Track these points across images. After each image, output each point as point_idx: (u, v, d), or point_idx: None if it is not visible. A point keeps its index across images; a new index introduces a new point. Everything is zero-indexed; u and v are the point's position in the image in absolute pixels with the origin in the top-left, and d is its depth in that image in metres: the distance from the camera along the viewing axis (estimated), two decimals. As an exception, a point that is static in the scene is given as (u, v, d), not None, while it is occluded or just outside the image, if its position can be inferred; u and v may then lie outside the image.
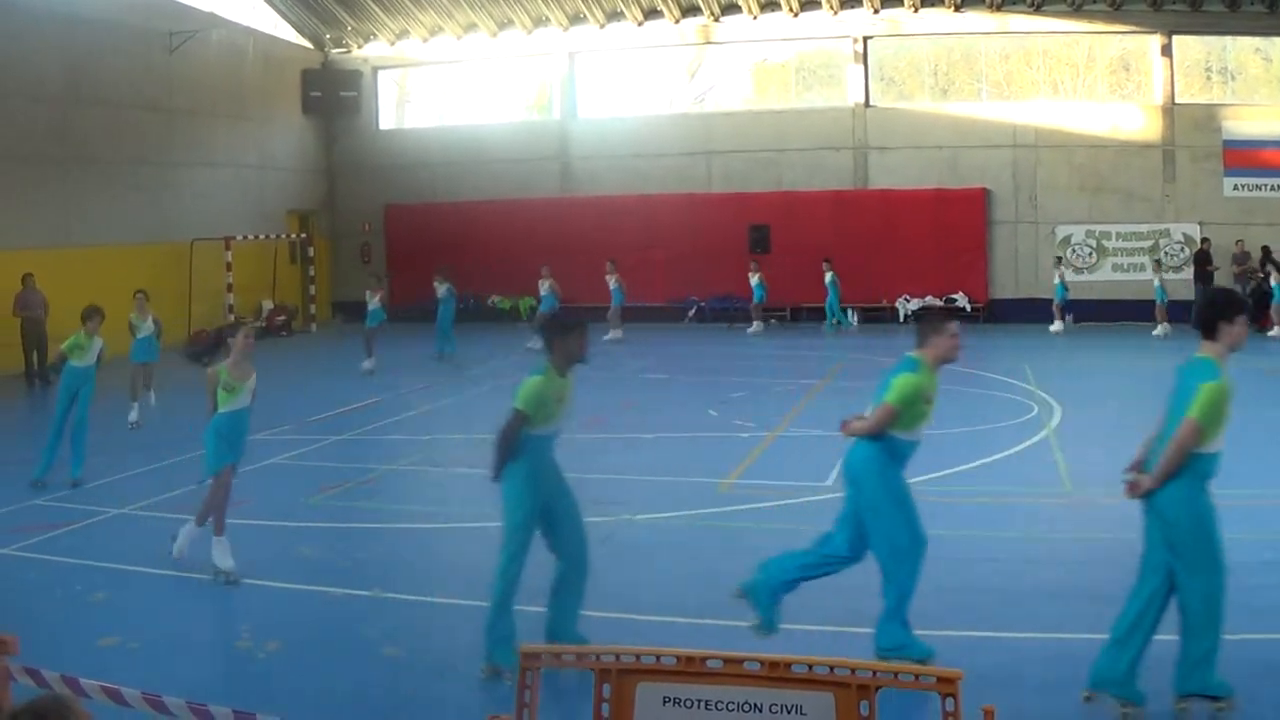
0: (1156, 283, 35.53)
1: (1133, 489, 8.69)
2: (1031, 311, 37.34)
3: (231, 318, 24.04)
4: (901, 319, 38.86)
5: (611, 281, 36.19)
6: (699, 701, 4.92)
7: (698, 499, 15.52)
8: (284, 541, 13.74)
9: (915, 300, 39.01)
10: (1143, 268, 37.85)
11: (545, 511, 9.72)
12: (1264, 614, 10.58)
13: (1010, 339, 34.53)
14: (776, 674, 4.87)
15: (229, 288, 36.65)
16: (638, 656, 5.03)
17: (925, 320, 10.09)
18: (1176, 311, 35.10)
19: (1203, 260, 36.31)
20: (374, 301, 29.54)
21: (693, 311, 40.63)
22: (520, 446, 9.54)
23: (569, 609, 9.79)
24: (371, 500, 16.14)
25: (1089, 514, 14.74)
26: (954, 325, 9.89)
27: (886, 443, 9.64)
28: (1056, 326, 35.92)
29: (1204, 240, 36.86)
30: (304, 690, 9.29)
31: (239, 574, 12.13)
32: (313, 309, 42.09)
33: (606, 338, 34.64)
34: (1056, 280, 36.30)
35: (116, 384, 21.56)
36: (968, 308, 38.67)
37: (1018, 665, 9.58)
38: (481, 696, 9.03)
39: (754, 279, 37.46)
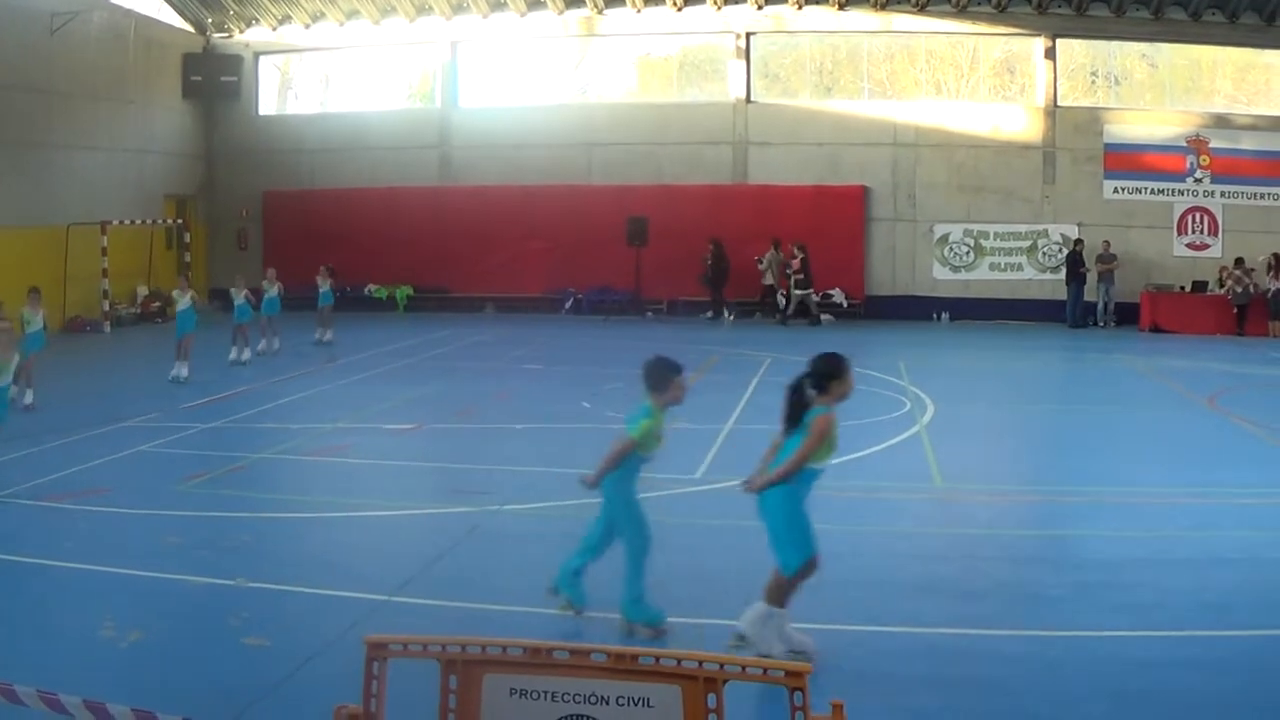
0: None
1: None
2: (908, 308, 37.69)
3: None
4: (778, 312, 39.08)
5: (322, 284, 32.77)
6: (546, 693, 4.89)
7: (565, 490, 15.43)
8: (150, 530, 13.55)
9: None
10: (1020, 267, 38.43)
11: None
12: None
13: (886, 335, 34.80)
14: (623, 666, 4.86)
15: (104, 273, 36.06)
16: (484, 647, 5.00)
17: None
18: (1049, 310, 35.95)
19: (1075, 262, 36.78)
20: (184, 300, 25.98)
21: (570, 303, 40.58)
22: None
23: None
24: (238, 489, 15.89)
25: (958, 509, 14.90)
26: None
27: None
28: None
29: (1077, 242, 37.34)
30: (165, 680, 9.15)
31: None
32: (188, 295, 41.40)
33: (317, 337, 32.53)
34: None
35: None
36: (844, 303, 38.98)
37: (880, 660, 9.66)
38: (341, 687, 8.93)
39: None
